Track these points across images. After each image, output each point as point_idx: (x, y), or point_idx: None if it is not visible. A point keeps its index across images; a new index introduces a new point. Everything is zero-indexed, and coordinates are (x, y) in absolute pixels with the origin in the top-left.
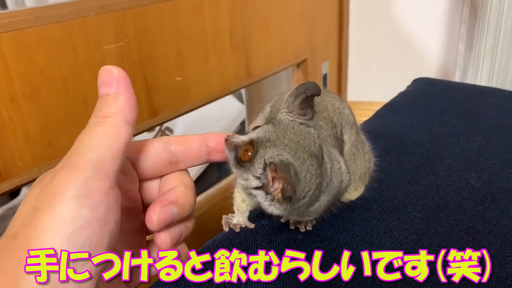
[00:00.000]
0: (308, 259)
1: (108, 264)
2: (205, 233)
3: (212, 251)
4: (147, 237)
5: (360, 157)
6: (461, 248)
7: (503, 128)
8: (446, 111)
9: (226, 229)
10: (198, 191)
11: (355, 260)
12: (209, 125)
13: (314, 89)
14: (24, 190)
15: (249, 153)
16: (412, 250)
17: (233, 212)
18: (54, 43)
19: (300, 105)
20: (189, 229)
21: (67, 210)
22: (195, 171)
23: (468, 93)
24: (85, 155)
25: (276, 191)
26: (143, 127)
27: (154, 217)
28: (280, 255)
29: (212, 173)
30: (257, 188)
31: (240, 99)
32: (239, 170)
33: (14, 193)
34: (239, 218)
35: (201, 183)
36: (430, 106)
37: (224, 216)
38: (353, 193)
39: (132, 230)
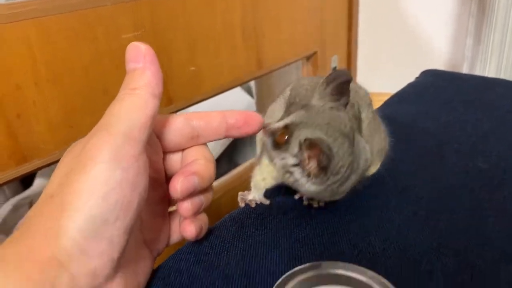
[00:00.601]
0: (321, 232)
1: (134, 227)
2: (218, 219)
3: (229, 224)
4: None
5: (377, 134)
6: (469, 225)
7: (510, 116)
8: (454, 100)
9: (242, 204)
10: None
11: (365, 233)
12: None
13: (345, 76)
14: (37, 181)
15: (285, 137)
16: (420, 225)
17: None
18: (74, 32)
19: (331, 91)
20: (209, 200)
21: (101, 172)
22: None
23: (476, 83)
24: (116, 124)
25: (312, 167)
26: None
27: (177, 186)
28: (295, 228)
29: (223, 164)
30: (294, 165)
31: (249, 92)
32: (276, 151)
33: (27, 183)
34: (255, 194)
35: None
36: (438, 95)
37: (240, 193)
38: (369, 169)
39: (156, 200)
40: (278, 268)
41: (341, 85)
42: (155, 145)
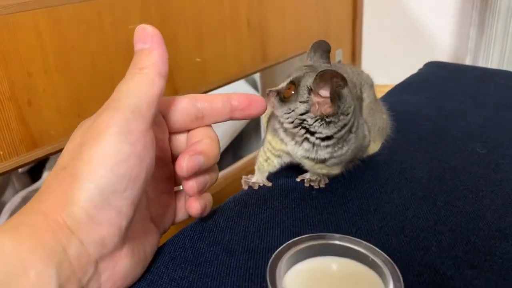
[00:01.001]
0: (321, 211)
1: (141, 200)
2: None
3: (233, 205)
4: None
5: (378, 113)
6: (465, 204)
7: (510, 105)
8: (455, 89)
9: (245, 187)
10: None
11: (364, 212)
12: None
13: (326, 45)
14: (45, 174)
15: (292, 91)
16: (418, 205)
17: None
18: (82, 21)
19: (320, 56)
20: (213, 180)
21: (110, 145)
22: None
23: (477, 74)
24: (125, 100)
25: (324, 107)
26: None
27: (184, 164)
28: (296, 208)
29: (228, 157)
30: (305, 113)
31: (254, 86)
32: (285, 105)
33: (36, 176)
34: (258, 177)
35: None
36: (439, 85)
37: (243, 176)
38: (371, 146)
39: (162, 178)
40: (280, 244)
41: (325, 53)
42: (161, 125)
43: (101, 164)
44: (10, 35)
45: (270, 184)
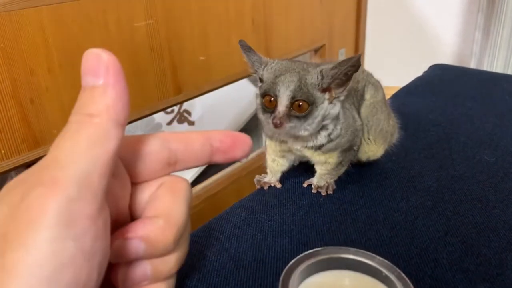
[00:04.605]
0: (329, 219)
1: None
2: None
3: (239, 211)
4: None
5: (383, 115)
6: (475, 215)
7: None
8: (461, 94)
9: (258, 186)
10: (214, 171)
11: (373, 221)
12: (225, 108)
13: None
14: None
15: (306, 104)
16: (427, 214)
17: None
18: (87, 19)
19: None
20: (168, 267)
21: (46, 244)
22: None
23: (483, 78)
24: (67, 167)
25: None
26: (168, 103)
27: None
28: (304, 215)
29: None
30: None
31: (256, 84)
32: (303, 119)
33: None
34: (270, 177)
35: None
36: (445, 89)
37: (257, 176)
38: (372, 146)
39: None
40: (288, 253)
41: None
42: (121, 176)
43: (31, 275)
44: (13, 32)
45: (279, 186)
